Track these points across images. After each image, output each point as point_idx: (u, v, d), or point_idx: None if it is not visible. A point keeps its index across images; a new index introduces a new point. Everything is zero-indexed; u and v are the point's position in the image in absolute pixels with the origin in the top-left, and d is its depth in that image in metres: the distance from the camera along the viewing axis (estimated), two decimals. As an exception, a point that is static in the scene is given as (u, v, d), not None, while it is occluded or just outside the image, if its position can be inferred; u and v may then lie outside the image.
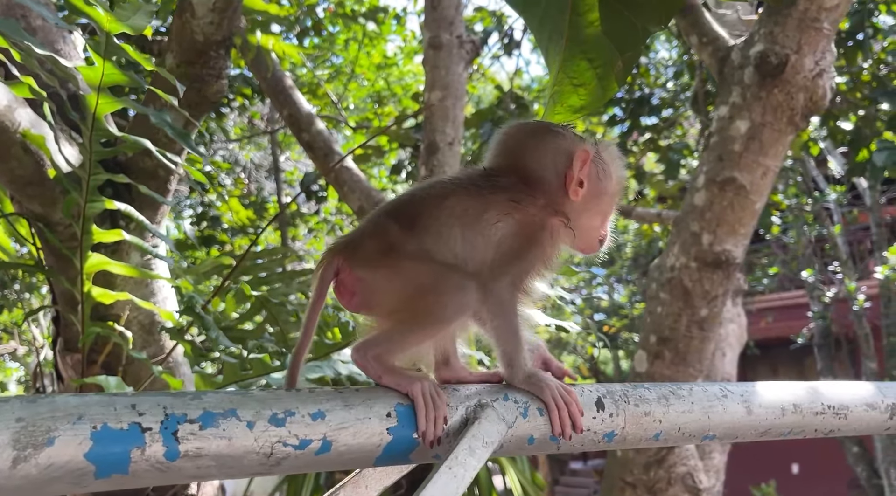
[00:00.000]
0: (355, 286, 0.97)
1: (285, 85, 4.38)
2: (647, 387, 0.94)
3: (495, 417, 0.74)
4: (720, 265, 2.84)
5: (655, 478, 2.94)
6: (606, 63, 1.12)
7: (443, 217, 0.97)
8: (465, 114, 7.84)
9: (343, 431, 0.65)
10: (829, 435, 1.08)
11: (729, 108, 2.86)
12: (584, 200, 1.03)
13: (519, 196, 0.99)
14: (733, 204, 2.81)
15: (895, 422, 1.13)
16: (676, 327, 2.89)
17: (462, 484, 0.67)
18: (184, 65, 1.83)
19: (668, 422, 0.91)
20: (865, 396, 1.11)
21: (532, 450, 0.82)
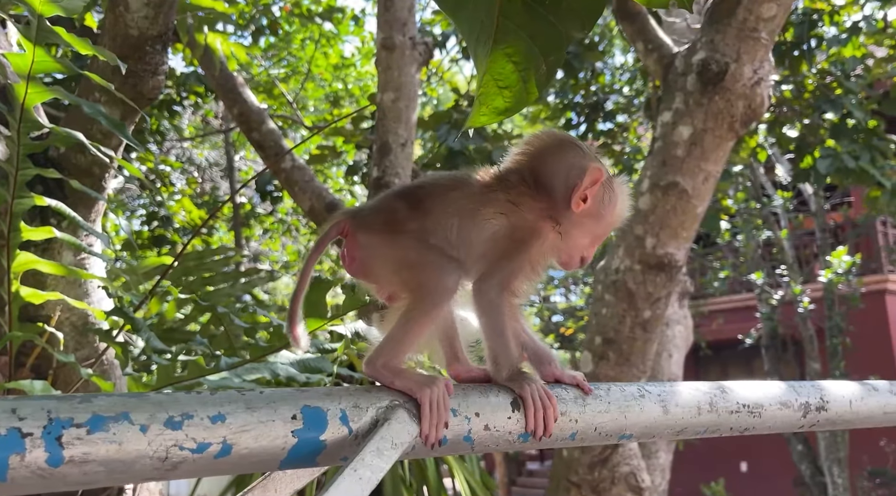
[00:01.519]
0: (356, 250, 1.04)
1: (235, 83, 4.33)
2: (565, 388, 0.95)
3: (406, 418, 0.74)
4: (663, 268, 2.89)
5: (599, 478, 2.98)
6: (531, 66, 1.13)
7: (445, 205, 1.03)
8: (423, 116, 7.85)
9: (245, 434, 0.64)
10: (744, 433, 1.11)
11: (672, 114, 2.92)
12: (582, 216, 1.08)
13: (519, 199, 1.05)
14: (676, 208, 2.87)
15: (808, 419, 1.16)
16: (620, 329, 2.94)
17: (367, 486, 0.67)
18: (119, 60, 1.79)
19: (584, 422, 0.92)
20: (779, 395, 1.14)
21: (445, 450, 0.82)
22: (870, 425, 1.26)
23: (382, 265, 1.03)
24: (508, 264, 1.03)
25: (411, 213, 1.03)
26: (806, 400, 1.16)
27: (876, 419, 1.26)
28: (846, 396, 1.22)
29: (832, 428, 1.23)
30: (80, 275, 1.92)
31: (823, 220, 12.05)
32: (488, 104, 1.18)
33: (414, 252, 1.01)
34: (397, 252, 1.02)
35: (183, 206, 7.99)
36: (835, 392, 1.21)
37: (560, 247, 1.09)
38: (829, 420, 1.19)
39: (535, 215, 1.06)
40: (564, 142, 1.13)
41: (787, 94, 8.17)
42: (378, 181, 3.83)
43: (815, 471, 11.22)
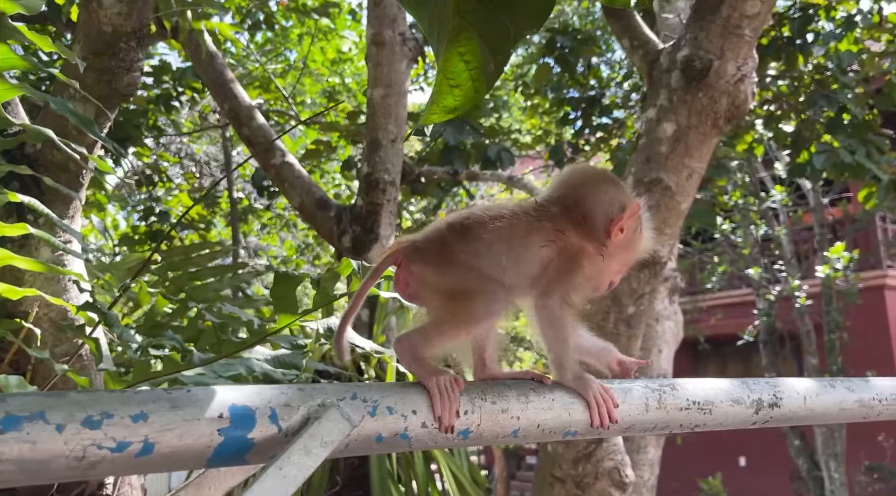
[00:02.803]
0: (409, 278, 1.13)
1: (226, 78, 4.33)
2: (509, 385, 0.96)
3: (338, 417, 0.75)
4: (647, 264, 2.89)
5: (583, 473, 3.00)
6: (480, 65, 1.15)
7: (495, 234, 1.13)
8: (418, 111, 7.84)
9: (168, 433, 0.65)
10: (694, 430, 1.12)
11: (657, 111, 2.92)
12: (616, 246, 1.19)
13: (565, 227, 1.17)
14: (660, 205, 2.87)
15: (760, 416, 1.17)
16: (604, 324, 2.94)
17: (292, 484, 0.68)
18: (92, 56, 1.80)
19: (527, 419, 0.93)
20: (731, 392, 1.15)
21: (381, 448, 0.83)
22: (824, 421, 1.27)
23: (434, 293, 1.12)
24: (566, 282, 1.15)
25: (461, 243, 1.12)
26: (759, 396, 1.17)
27: (831, 415, 1.27)
28: (801, 393, 1.23)
29: (786, 424, 1.25)
30: (57, 272, 1.93)
31: (822, 216, 12.03)
32: (440, 103, 1.19)
33: (463, 278, 1.10)
34: (448, 280, 1.11)
35: (180, 201, 8.00)
36: (789, 388, 1.22)
37: (597, 271, 1.20)
38: (782, 416, 1.20)
39: (580, 241, 1.17)
40: (603, 177, 1.26)
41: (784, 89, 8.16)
42: (368, 177, 3.84)
43: (812, 466, 11.23)
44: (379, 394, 0.82)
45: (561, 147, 8.34)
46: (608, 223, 1.18)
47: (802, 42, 7.14)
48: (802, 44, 7.14)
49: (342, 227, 3.86)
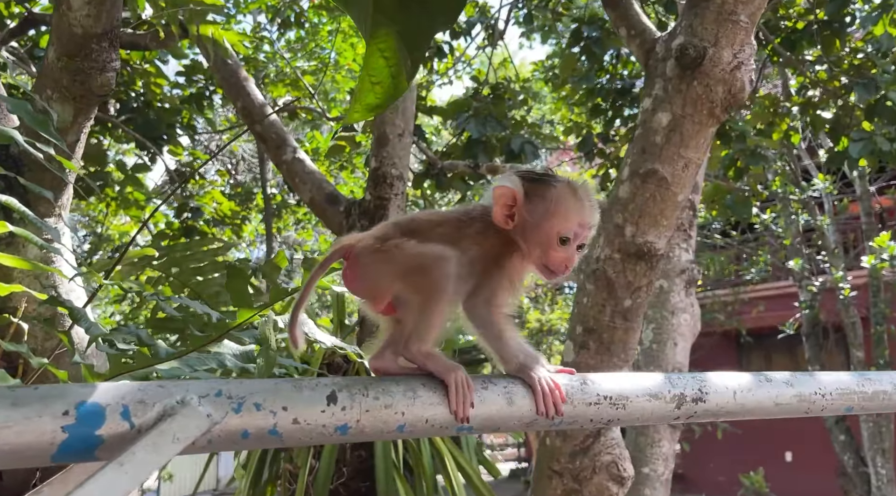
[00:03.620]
0: (357, 271, 1.20)
1: (239, 77, 4.41)
2: (397, 381, 0.97)
3: (194, 413, 0.77)
4: (643, 256, 2.86)
5: (581, 467, 2.97)
6: (399, 61, 1.16)
7: (433, 237, 1.19)
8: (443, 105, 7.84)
9: (6, 430, 0.68)
10: (608, 425, 1.11)
11: (652, 101, 2.87)
12: (520, 231, 1.23)
13: (484, 230, 1.23)
14: (655, 196, 2.82)
15: (683, 410, 1.16)
16: (600, 318, 2.91)
17: (133, 481, 0.70)
18: (65, 58, 1.85)
19: (413, 415, 0.94)
20: (649, 387, 1.14)
21: (249, 444, 0.85)
22: (759, 416, 1.25)
23: (385, 277, 1.18)
24: (489, 283, 1.20)
25: (405, 238, 1.19)
26: (681, 392, 1.16)
27: (766, 410, 1.25)
28: (730, 387, 1.21)
29: (714, 419, 1.23)
30: (40, 269, 2.00)
31: (869, 204, 11.62)
32: (362, 101, 1.20)
33: (413, 257, 1.16)
34: (397, 263, 1.16)
35: (214, 198, 8.17)
36: (718, 383, 1.21)
37: (532, 261, 1.25)
38: (708, 411, 1.18)
39: (500, 241, 1.23)
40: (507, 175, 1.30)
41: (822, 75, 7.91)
42: (376, 172, 3.87)
43: (858, 462, 10.92)
44: (248, 390, 0.84)
45: (590, 138, 8.26)
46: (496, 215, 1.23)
47: (839, 26, 6.92)
48: (839, 27, 6.92)
49: (351, 221, 3.91)
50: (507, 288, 1.23)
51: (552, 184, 1.26)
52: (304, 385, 0.88)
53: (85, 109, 1.98)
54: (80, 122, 1.98)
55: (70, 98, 1.91)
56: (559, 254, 1.25)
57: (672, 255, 4.67)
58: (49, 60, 1.88)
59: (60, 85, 1.89)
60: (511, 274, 1.24)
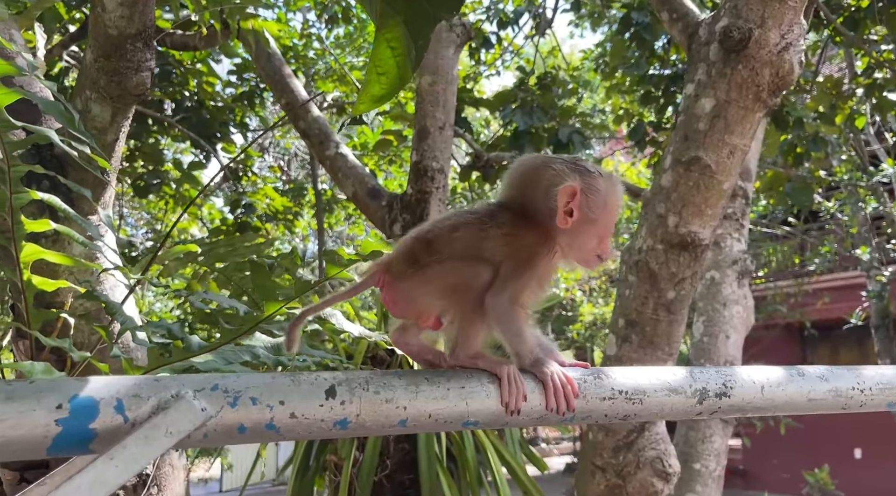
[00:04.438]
0: (395, 295, 1.19)
1: (283, 73, 4.46)
2: (399, 375, 0.96)
3: (188, 407, 0.77)
4: (686, 247, 2.78)
5: (624, 462, 2.92)
6: (405, 51, 1.14)
7: (452, 245, 1.18)
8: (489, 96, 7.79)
9: (1, 424, 0.70)
10: (625, 420, 1.08)
11: (695, 86, 2.78)
12: (576, 227, 1.19)
13: (515, 230, 1.18)
14: (699, 184, 2.74)
15: (706, 406, 1.11)
16: (643, 310, 2.85)
17: (123, 474, 0.70)
18: (101, 59, 1.89)
19: (416, 409, 0.92)
20: (670, 381, 1.10)
21: (245, 438, 0.84)
22: (791, 412, 1.19)
23: (427, 300, 1.18)
24: (516, 281, 1.16)
25: (426, 253, 1.18)
26: (703, 386, 1.11)
27: (798, 406, 1.19)
28: (758, 382, 1.16)
29: (740, 414, 1.18)
30: (82, 265, 2.06)
31: (943, 190, 11.05)
32: (368, 92, 1.19)
33: (449, 274, 1.16)
34: (437, 284, 1.16)
35: (266, 194, 8.31)
36: (744, 377, 1.15)
37: (571, 256, 1.22)
38: (733, 406, 1.14)
39: (534, 240, 1.18)
40: (538, 167, 1.24)
41: (888, 56, 7.57)
42: (417, 165, 3.86)
43: (931, 460, 10.44)
44: (244, 384, 0.84)
45: (642, 127, 8.08)
46: (553, 215, 1.18)
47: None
48: (905, 3, 6.59)
49: (393, 215, 3.92)
50: (535, 288, 1.20)
51: (601, 175, 1.23)
52: (303, 379, 0.88)
53: (123, 109, 2.02)
54: (118, 121, 2.03)
55: (108, 98, 1.95)
56: (609, 242, 1.24)
57: (723, 246, 4.53)
58: (87, 62, 1.93)
59: (98, 85, 1.93)
60: (541, 274, 1.20)
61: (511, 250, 1.17)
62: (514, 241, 1.18)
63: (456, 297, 1.17)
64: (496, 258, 1.17)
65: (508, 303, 1.15)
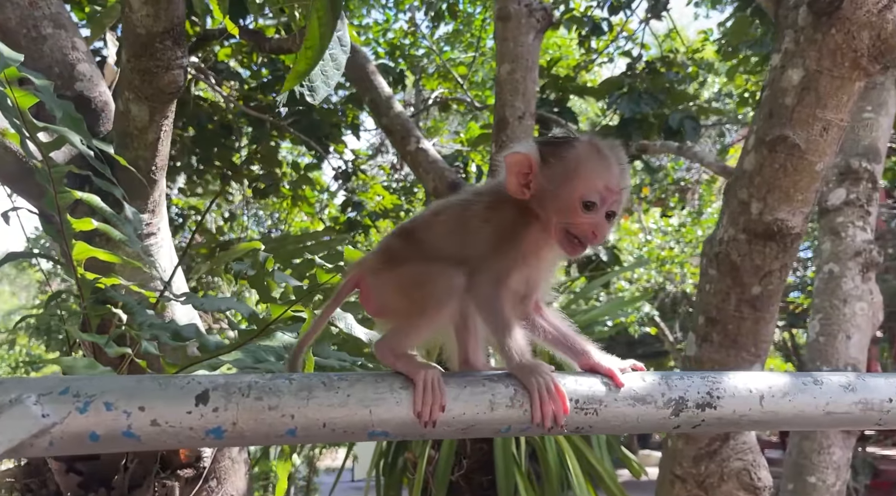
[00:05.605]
0: (370, 293, 1.16)
1: (367, 71, 4.48)
2: (292, 379, 0.87)
3: (23, 414, 0.72)
4: (773, 236, 2.49)
5: (706, 473, 2.67)
6: (328, 22, 1.07)
7: (434, 228, 1.15)
8: (593, 85, 7.50)
9: None
10: (577, 432, 0.94)
11: (781, 57, 2.49)
12: (538, 200, 1.12)
13: (495, 204, 1.15)
14: (786, 166, 2.45)
15: (683, 418, 0.95)
16: (724, 307, 2.59)
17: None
18: (133, 59, 1.94)
19: (306, 418, 0.84)
20: (636, 388, 0.95)
21: (101, 447, 0.79)
22: (806, 427, 1.00)
23: (392, 295, 1.14)
24: (500, 259, 1.08)
25: (405, 246, 1.14)
26: (680, 395, 0.95)
27: (813, 420, 0.99)
28: (756, 391, 0.98)
29: (734, 429, 0.99)
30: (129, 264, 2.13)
31: None
32: (295, 69, 1.13)
33: (414, 272, 1.10)
34: (401, 278, 1.12)
35: (376, 193, 8.46)
36: (737, 385, 0.98)
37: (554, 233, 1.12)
38: (721, 420, 0.97)
39: (514, 213, 1.12)
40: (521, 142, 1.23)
41: None
42: (496, 157, 3.74)
43: None
44: (101, 388, 0.78)
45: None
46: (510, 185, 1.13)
47: None
48: None
49: (473, 209, 3.80)
50: (521, 265, 1.11)
51: (572, 144, 1.13)
52: (174, 383, 0.81)
53: (160, 108, 2.06)
54: (157, 120, 2.07)
55: (143, 98, 2.00)
56: (584, 221, 1.10)
57: (844, 235, 4.08)
58: (122, 63, 1.97)
59: (133, 86, 1.98)
60: (526, 249, 1.11)
61: (493, 226, 1.11)
62: (496, 216, 1.11)
63: (414, 293, 1.10)
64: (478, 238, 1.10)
65: (492, 283, 1.06)
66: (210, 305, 1.78)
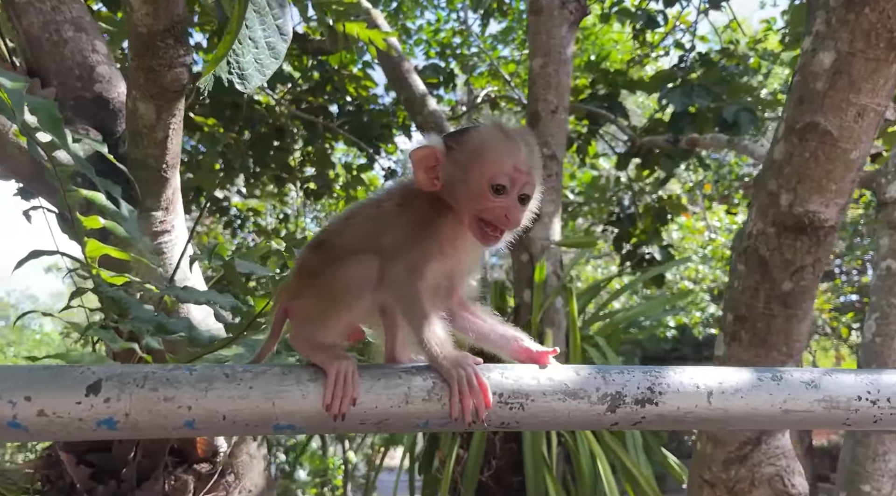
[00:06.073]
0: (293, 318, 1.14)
1: (402, 69, 4.47)
2: (194, 370, 0.85)
3: None
4: (803, 229, 2.36)
5: (736, 478, 2.54)
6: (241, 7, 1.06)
7: (347, 233, 1.12)
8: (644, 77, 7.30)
9: None
10: (501, 428, 0.89)
11: (812, 39, 2.35)
12: (449, 191, 1.08)
13: (406, 199, 1.12)
14: (817, 154, 2.31)
15: (621, 415, 0.89)
16: (753, 304, 2.46)
17: None
18: (136, 58, 1.97)
19: (204, 410, 0.82)
20: (568, 382, 0.89)
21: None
22: (763, 427, 0.92)
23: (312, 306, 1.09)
24: (415, 249, 1.05)
25: (320, 256, 1.11)
26: (617, 390, 0.90)
27: (770, 420, 0.92)
28: (704, 387, 0.91)
29: (680, 427, 0.93)
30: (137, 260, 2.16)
31: None
32: (215, 56, 1.12)
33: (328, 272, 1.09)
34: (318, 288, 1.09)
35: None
36: (682, 380, 0.91)
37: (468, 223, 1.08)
38: (664, 417, 0.90)
39: (427, 206, 1.09)
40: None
41: None
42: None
43: None
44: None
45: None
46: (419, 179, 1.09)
47: None
48: None
49: (505, 206, 3.73)
50: (436, 255, 1.07)
51: (476, 129, 1.10)
52: (67, 373, 0.80)
53: (166, 106, 2.09)
54: (164, 118, 2.10)
55: (149, 96, 2.03)
56: (496, 205, 1.06)
57: (902, 229, 3.84)
58: (128, 62, 2.01)
59: (139, 84, 2.02)
60: (441, 239, 1.07)
61: (407, 220, 1.07)
62: (409, 211, 1.08)
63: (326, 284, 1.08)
64: (392, 233, 1.06)
65: (406, 272, 1.02)
66: (188, 297, 1.79)
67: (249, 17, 1.11)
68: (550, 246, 3.62)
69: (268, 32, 1.12)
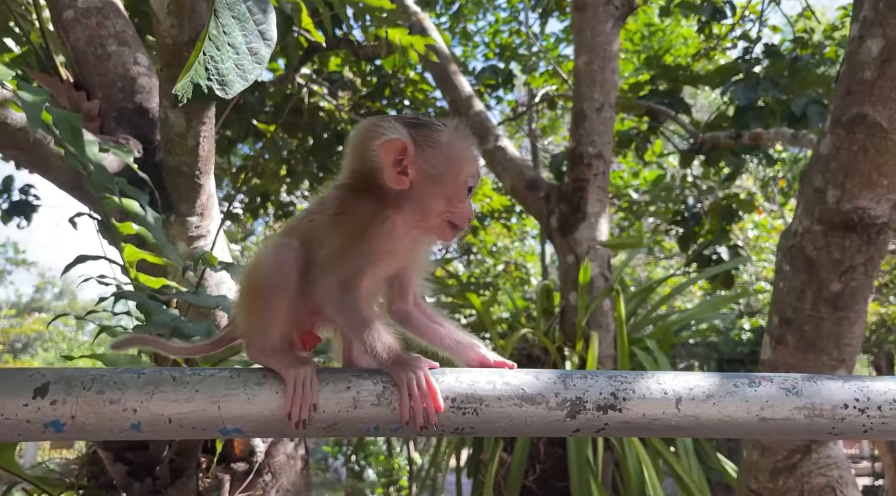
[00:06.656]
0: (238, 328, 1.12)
1: (448, 71, 4.47)
2: (142, 373, 0.86)
3: None
4: (853, 227, 2.23)
5: (784, 488, 2.42)
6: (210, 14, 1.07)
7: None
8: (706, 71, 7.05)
9: None
10: (455, 434, 0.87)
11: (860, 26, 2.22)
12: (418, 188, 1.04)
13: (345, 208, 1.07)
14: (867, 148, 2.18)
15: (581, 421, 0.86)
16: (800, 306, 2.34)
17: None
18: (165, 68, 2.04)
19: (150, 413, 0.82)
20: (526, 386, 0.86)
21: None
22: (732, 435, 0.87)
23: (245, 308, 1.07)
24: (344, 260, 1.02)
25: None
26: (578, 395, 0.86)
27: (745, 427, 0.87)
28: (672, 393, 0.87)
29: (645, 434, 0.89)
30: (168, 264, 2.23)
31: None
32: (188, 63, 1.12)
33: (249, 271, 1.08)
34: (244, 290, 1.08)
35: (485, 194, 8.44)
36: (648, 386, 0.88)
37: (421, 224, 1.06)
38: (629, 424, 0.86)
39: (366, 212, 1.04)
40: (368, 128, 1.09)
41: None
42: (573, 152, 3.61)
43: None
44: None
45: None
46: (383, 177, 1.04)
47: None
48: None
49: (550, 206, 3.70)
50: (373, 265, 1.04)
51: (443, 127, 1.06)
52: (17, 375, 0.82)
53: (195, 115, 2.15)
54: (194, 126, 2.16)
55: (180, 108, 2.09)
56: (465, 205, 1.06)
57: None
58: (158, 72, 2.08)
59: (169, 94, 2.08)
60: (376, 248, 1.04)
61: (339, 229, 1.04)
62: (343, 220, 1.04)
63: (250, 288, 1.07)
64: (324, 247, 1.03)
65: (339, 286, 1.00)
66: (199, 302, 1.83)
67: (228, 24, 1.12)
68: (596, 246, 3.55)
69: (249, 38, 1.13)
